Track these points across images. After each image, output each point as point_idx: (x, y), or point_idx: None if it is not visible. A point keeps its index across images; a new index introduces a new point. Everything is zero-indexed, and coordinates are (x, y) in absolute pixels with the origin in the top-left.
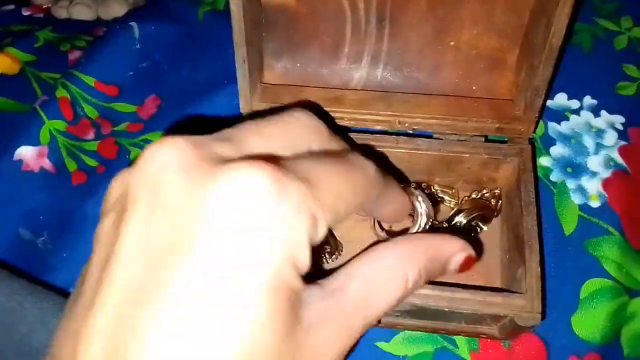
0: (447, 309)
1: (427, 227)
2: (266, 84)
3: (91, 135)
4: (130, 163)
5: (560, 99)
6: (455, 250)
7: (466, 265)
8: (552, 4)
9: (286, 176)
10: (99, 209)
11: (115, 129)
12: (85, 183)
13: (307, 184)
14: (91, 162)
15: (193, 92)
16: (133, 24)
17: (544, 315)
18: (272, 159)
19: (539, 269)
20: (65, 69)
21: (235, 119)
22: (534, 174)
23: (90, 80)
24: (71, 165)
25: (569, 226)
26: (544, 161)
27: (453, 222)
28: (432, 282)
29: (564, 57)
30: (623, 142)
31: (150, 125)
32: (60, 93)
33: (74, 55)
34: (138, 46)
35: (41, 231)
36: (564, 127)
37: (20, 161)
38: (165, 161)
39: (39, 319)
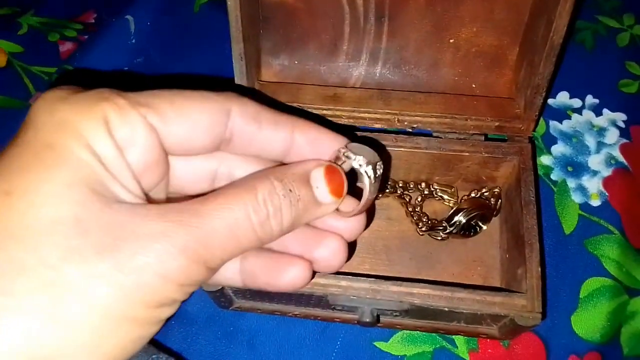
0: (446, 309)
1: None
2: (264, 81)
3: None
4: None
5: (562, 98)
6: (309, 166)
7: (335, 184)
8: (554, 0)
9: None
10: None
11: None
12: None
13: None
14: None
15: (187, 88)
16: (129, 17)
17: (544, 315)
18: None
19: (540, 269)
20: (59, 63)
21: None
22: (534, 173)
23: (86, 78)
24: None
25: (569, 225)
26: (544, 160)
27: (452, 221)
28: (431, 282)
29: (566, 55)
30: (625, 140)
31: None
32: None
33: (65, 47)
34: (133, 41)
35: None
36: (565, 125)
37: None
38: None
39: None
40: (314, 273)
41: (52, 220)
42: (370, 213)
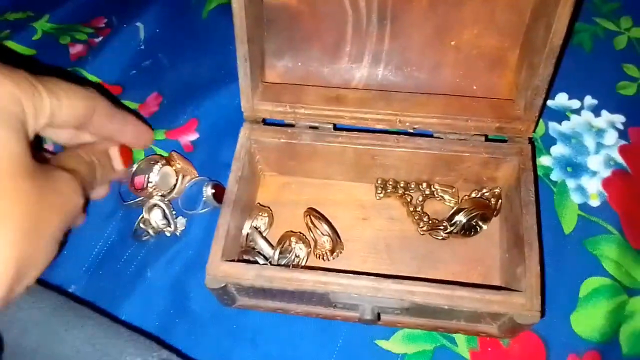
0: (446, 307)
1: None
2: (267, 82)
3: None
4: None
5: (561, 99)
6: (109, 144)
7: (125, 155)
8: (553, 3)
9: None
10: (98, 206)
11: None
12: None
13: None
14: None
15: (195, 90)
16: (139, 24)
17: (543, 313)
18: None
19: (539, 268)
20: (69, 65)
21: (236, 119)
22: (534, 173)
23: (96, 81)
24: None
25: (569, 225)
26: (544, 160)
27: (453, 221)
28: (431, 281)
29: (564, 57)
30: (623, 142)
31: (151, 122)
32: None
33: (76, 49)
34: (142, 47)
35: None
36: (564, 126)
37: None
38: None
39: (36, 319)
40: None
41: None
42: None
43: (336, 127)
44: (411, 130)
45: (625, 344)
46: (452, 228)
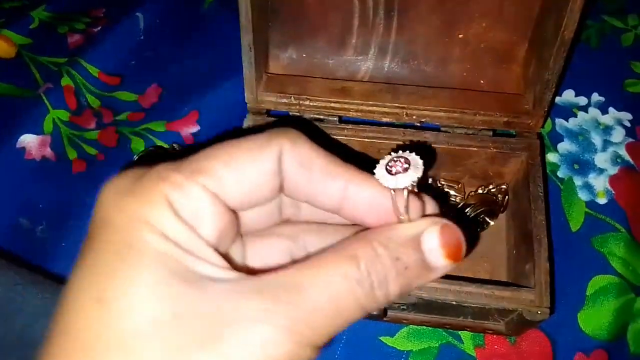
0: (454, 303)
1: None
2: (272, 73)
3: (93, 125)
4: (130, 151)
5: (568, 96)
6: (419, 228)
7: (451, 247)
8: None
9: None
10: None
11: (116, 118)
12: (85, 171)
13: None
14: (91, 151)
15: (195, 82)
16: (139, 14)
17: (552, 310)
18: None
19: (548, 264)
20: (67, 54)
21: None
22: (543, 169)
23: (94, 71)
24: (72, 154)
25: (576, 222)
26: (551, 157)
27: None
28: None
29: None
30: (631, 139)
31: (151, 114)
32: (65, 81)
33: (74, 38)
34: (142, 37)
35: (40, 220)
36: (571, 123)
37: (23, 149)
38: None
39: (40, 309)
40: None
41: (149, 322)
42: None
43: (342, 120)
44: (418, 124)
45: (632, 342)
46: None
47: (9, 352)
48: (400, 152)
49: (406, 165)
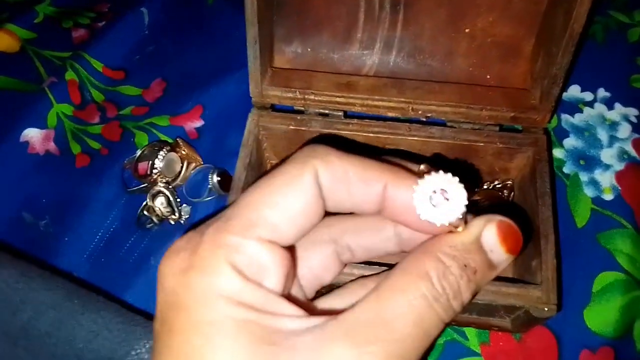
0: None
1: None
2: (276, 68)
3: (97, 119)
4: (134, 146)
5: (574, 91)
6: (477, 230)
7: (511, 241)
8: None
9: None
10: (101, 192)
11: (120, 112)
12: (89, 166)
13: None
14: (95, 145)
15: (200, 77)
16: (144, 9)
17: (559, 307)
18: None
19: (555, 261)
20: (71, 49)
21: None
22: (550, 164)
23: (98, 65)
24: (75, 148)
25: (582, 219)
26: (557, 153)
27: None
28: None
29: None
30: (637, 135)
31: (155, 108)
32: (70, 76)
33: (78, 33)
34: (147, 32)
35: (43, 215)
36: (577, 119)
37: (27, 143)
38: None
39: (45, 302)
40: None
41: None
42: None
43: (347, 115)
44: (424, 119)
45: (639, 339)
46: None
47: (14, 345)
48: (440, 176)
49: (447, 196)
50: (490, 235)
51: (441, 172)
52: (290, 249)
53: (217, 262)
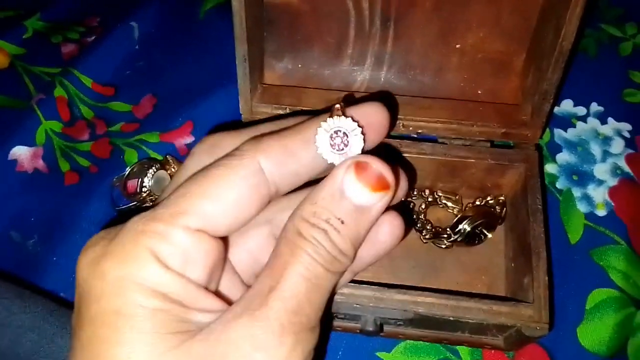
0: (452, 318)
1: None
2: (267, 84)
3: (86, 136)
4: (124, 163)
5: (567, 106)
6: (336, 178)
7: (373, 179)
8: (563, 5)
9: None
10: (90, 211)
11: (110, 129)
12: (78, 183)
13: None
14: (84, 162)
15: (190, 92)
16: (134, 24)
17: (551, 325)
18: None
19: (547, 278)
20: (61, 64)
21: (233, 122)
22: (541, 181)
23: (87, 81)
24: (64, 166)
25: (575, 235)
26: (549, 168)
27: (457, 229)
28: (436, 291)
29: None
30: (630, 150)
31: (145, 124)
32: (58, 92)
33: (68, 48)
34: (137, 47)
35: (31, 233)
36: (570, 134)
37: (15, 161)
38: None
39: (27, 324)
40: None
41: None
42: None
43: None
44: (414, 135)
45: (633, 357)
46: (455, 236)
47: None
48: (343, 120)
49: (347, 139)
50: (349, 179)
51: (349, 118)
52: (224, 240)
53: (136, 249)
